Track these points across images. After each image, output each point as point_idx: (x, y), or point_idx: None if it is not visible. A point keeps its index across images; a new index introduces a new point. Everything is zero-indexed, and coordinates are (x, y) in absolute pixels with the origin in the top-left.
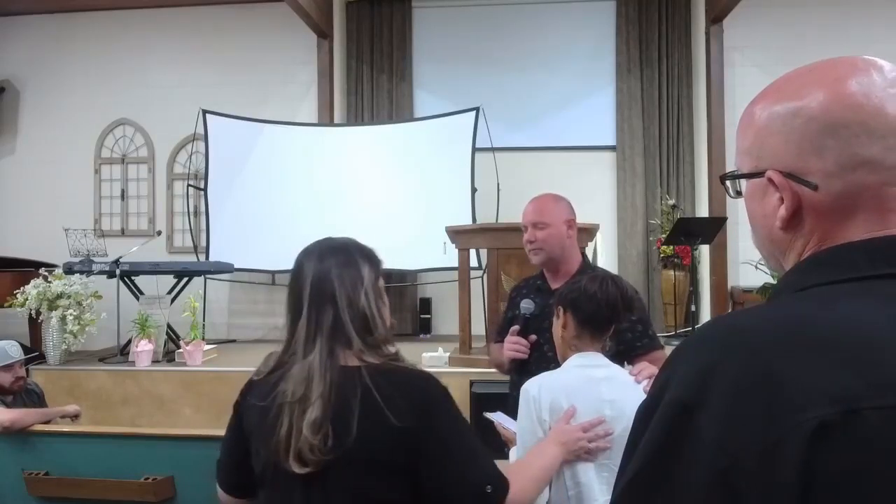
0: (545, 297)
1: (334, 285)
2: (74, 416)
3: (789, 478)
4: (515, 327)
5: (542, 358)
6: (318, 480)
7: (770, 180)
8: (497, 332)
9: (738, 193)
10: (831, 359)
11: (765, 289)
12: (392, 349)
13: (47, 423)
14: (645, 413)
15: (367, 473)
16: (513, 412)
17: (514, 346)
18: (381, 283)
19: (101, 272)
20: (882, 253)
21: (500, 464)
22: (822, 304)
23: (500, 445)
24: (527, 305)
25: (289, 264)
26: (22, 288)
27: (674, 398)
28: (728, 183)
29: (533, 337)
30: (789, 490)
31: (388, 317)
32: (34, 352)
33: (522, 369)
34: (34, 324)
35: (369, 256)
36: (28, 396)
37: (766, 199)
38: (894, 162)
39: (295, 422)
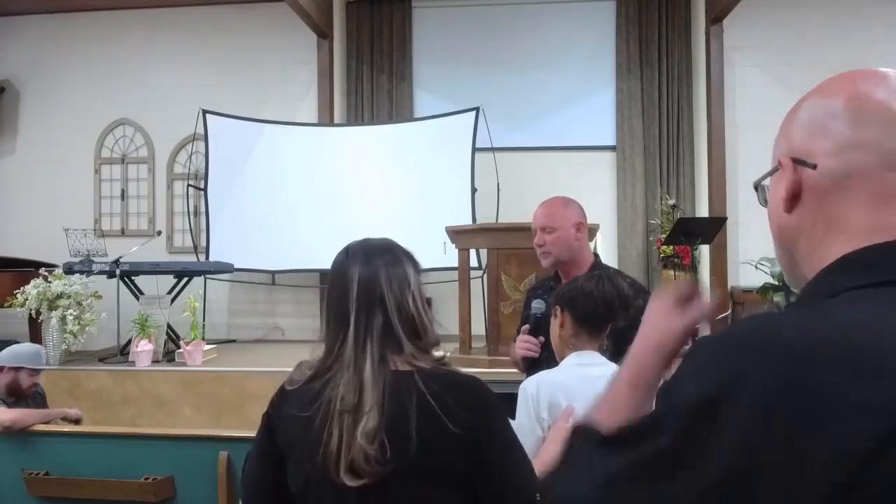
0: None
1: (383, 288)
2: (76, 421)
3: (820, 488)
4: (526, 326)
5: (552, 357)
6: (374, 493)
7: (780, 164)
8: (517, 332)
9: (766, 201)
10: (873, 370)
11: (765, 289)
12: (439, 353)
13: (48, 423)
14: (663, 398)
15: (427, 482)
16: None
17: (525, 344)
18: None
19: (101, 272)
20: None
21: None
22: (858, 311)
23: None
24: (538, 305)
25: (289, 264)
26: (22, 288)
27: (699, 393)
28: (760, 189)
29: (541, 338)
30: (816, 500)
31: (433, 319)
32: None
33: (533, 369)
34: (34, 324)
35: (412, 258)
36: (31, 397)
37: (777, 189)
38: (892, 148)
39: (346, 431)
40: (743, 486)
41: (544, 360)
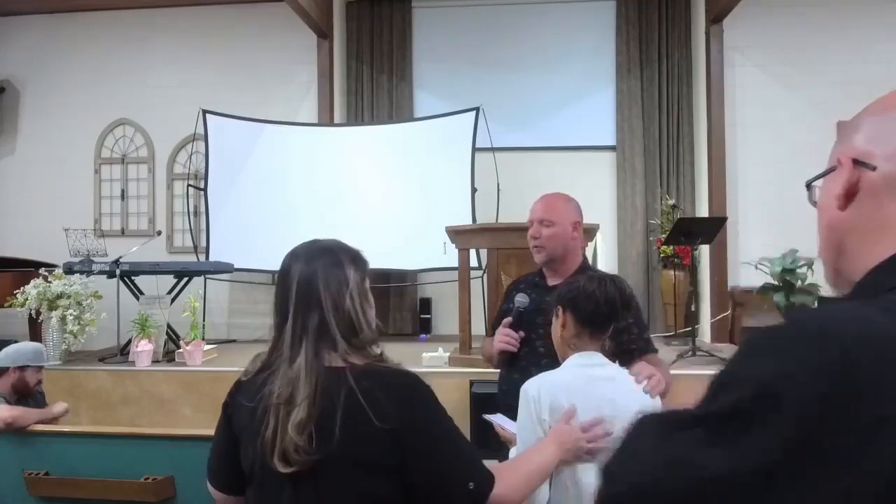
0: (541, 292)
1: (320, 288)
2: (64, 412)
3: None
4: (508, 319)
5: (533, 353)
6: (306, 479)
7: (839, 162)
8: (492, 326)
9: (815, 203)
10: None
11: (765, 289)
12: (377, 350)
13: (48, 422)
14: (717, 389)
15: (354, 473)
16: (503, 411)
17: (505, 338)
18: (367, 284)
19: (101, 272)
20: None
21: (497, 462)
22: None
23: (501, 445)
24: (521, 299)
25: None
26: (22, 288)
27: (755, 381)
28: (812, 189)
29: (521, 333)
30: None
31: (373, 318)
32: None
33: (512, 364)
34: (34, 324)
35: (355, 258)
36: (31, 396)
37: (833, 185)
38: None
39: (281, 422)
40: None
41: (524, 355)
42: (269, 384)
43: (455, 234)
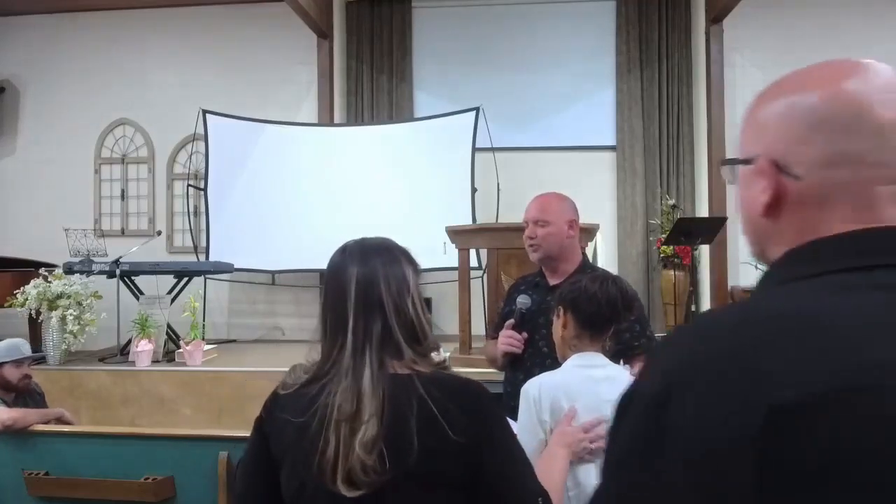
0: (542, 293)
1: (381, 290)
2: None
3: (763, 462)
4: (511, 321)
5: (537, 353)
6: (370, 501)
7: (758, 167)
8: (493, 328)
9: (733, 181)
10: (804, 347)
11: None
12: (439, 357)
13: (47, 423)
14: (622, 407)
15: (425, 489)
16: (507, 412)
17: (509, 339)
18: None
19: (101, 272)
20: (859, 246)
21: None
22: (800, 297)
23: None
24: (523, 300)
25: (289, 264)
26: (22, 288)
27: (650, 392)
28: (727, 169)
29: (524, 334)
30: (762, 474)
31: (430, 322)
32: (37, 352)
33: (516, 365)
34: (34, 324)
35: (410, 258)
36: (29, 396)
37: (753, 185)
38: (876, 160)
39: (344, 441)
40: (702, 477)
41: (527, 356)
42: (325, 397)
43: (455, 234)
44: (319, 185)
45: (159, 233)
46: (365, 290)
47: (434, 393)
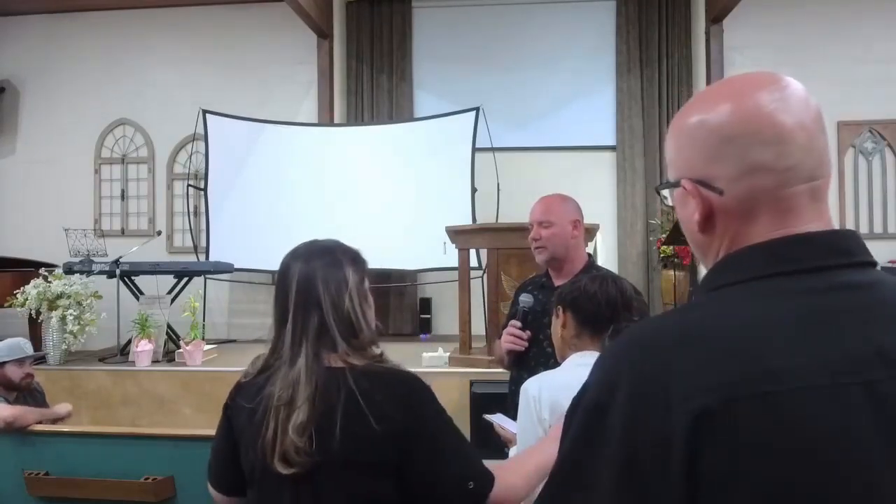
0: (547, 293)
1: (319, 289)
2: (67, 414)
3: (682, 463)
4: (515, 321)
5: (542, 353)
6: (307, 480)
7: (684, 188)
8: (501, 329)
9: (672, 202)
10: (718, 353)
11: None
12: (377, 350)
13: (52, 422)
14: (568, 415)
15: (354, 473)
16: (513, 411)
17: (511, 337)
18: (366, 284)
19: (101, 272)
20: (779, 252)
21: (498, 461)
22: (723, 304)
23: (501, 446)
24: (525, 299)
25: None
26: (22, 288)
27: (590, 400)
28: (664, 192)
29: (528, 333)
30: (681, 475)
31: (372, 319)
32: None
33: (521, 364)
34: (34, 324)
35: (354, 258)
36: (31, 395)
37: (686, 205)
38: (785, 166)
39: (281, 424)
40: (631, 478)
41: (532, 356)
42: (270, 386)
43: (455, 233)
44: (319, 185)
45: (159, 233)
46: (305, 287)
47: (363, 384)
